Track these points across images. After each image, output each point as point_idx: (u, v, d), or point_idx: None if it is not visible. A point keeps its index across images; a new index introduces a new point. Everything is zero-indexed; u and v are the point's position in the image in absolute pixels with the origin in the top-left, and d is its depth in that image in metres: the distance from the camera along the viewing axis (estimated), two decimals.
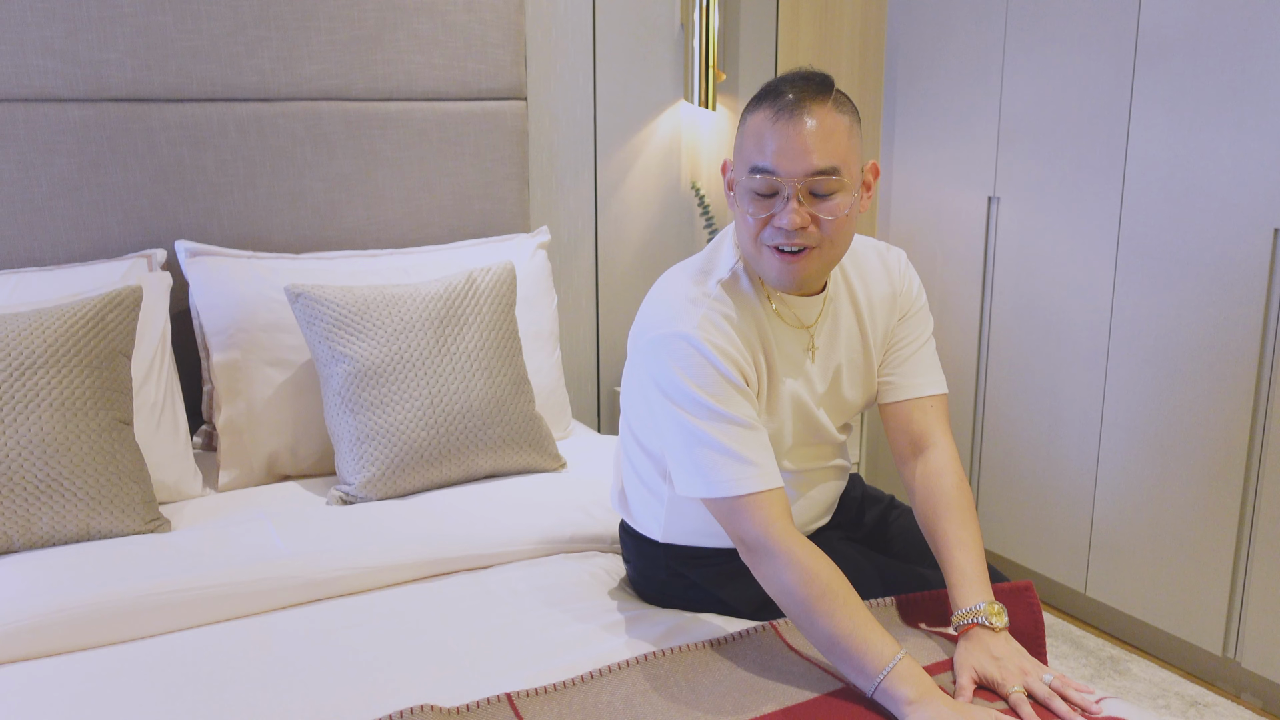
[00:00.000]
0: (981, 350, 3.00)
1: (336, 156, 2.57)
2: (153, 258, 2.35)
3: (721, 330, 1.53)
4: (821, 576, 1.44)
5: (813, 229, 1.49)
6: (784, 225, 1.47)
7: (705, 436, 1.50)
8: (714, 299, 1.57)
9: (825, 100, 1.48)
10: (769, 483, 1.49)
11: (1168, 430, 2.50)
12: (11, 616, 1.62)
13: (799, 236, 1.49)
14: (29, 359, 1.91)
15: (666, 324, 1.55)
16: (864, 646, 1.39)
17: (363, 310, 2.19)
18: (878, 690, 1.37)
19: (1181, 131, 2.40)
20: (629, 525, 1.81)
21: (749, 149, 1.50)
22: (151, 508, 2.00)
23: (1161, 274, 2.48)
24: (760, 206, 1.50)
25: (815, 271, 1.53)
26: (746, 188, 1.51)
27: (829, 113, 1.47)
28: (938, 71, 3.05)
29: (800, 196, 1.47)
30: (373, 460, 2.13)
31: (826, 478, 1.78)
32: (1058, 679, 1.43)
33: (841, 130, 1.48)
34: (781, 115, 1.47)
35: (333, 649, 1.62)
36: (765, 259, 1.53)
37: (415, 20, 2.61)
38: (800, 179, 1.46)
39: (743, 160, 1.52)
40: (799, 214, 1.47)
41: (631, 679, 1.46)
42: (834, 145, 1.47)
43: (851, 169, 1.50)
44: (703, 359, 1.51)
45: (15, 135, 2.27)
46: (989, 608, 1.51)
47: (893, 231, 3.28)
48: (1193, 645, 2.54)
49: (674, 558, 1.75)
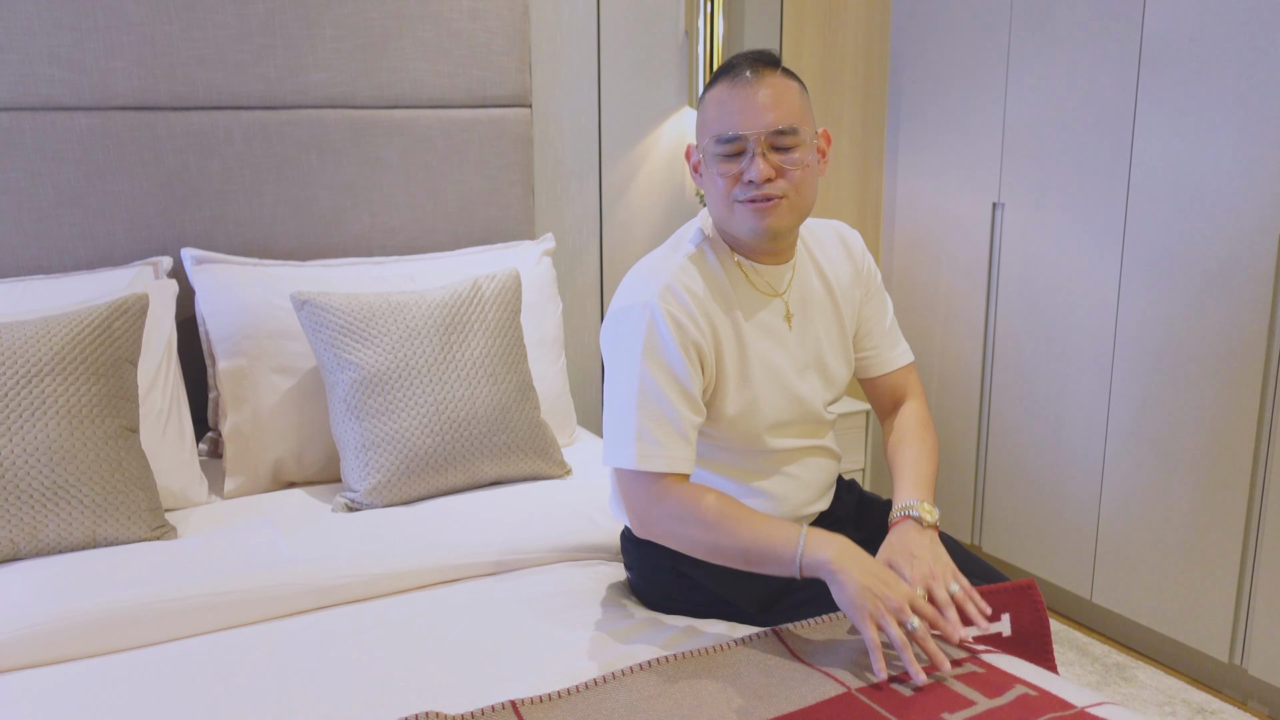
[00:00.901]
0: (986, 355, 3.00)
1: (342, 164, 2.58)
2: (159, 265, 2.36)
3: (679, 300, 1.62)
4: (705, 503, 1.55)
5: (780, 180, 1.61)
6: (753, 177, 1.59)
7: (630, 408, 1.59)
8: (678, 269, 1.66)
9: (775, 69, 1.62)
10: (673, 466, 1.58)
11: (1173, 436, 2.50)
12: (18, 623, 1.62)
13: (768, 187, 1.60)
14: (36, 366, 1.91)
15: (629, 295, 1.66)
16: (771, 541, 1.51)
17: (368, 317, 2.20)
18: (802, 566, 1.49)
19: (1186, 137, 2.40)
20: (629, 531, 1.82)
21: (711, 120, 1.63)
22: (157, 515, 2.01)
23: (1166, 279, 2.47)
24: (729, 166, 1.62)
25: (787, 221, 1.64)
26: (713, 154, 1.62)
27: (780, 79, 1.62)
28: (942, 77, 3.06)
29: (764, 151, 1.59)
30: (378, 467, 2.13)
31: (815, 454, 1.81)
32: (964, 590, 1.54)
33: (794, 93, 1.62)
34: (738, 84, 1.61)
35: (338, 656, 1.62)
36: (738, 214, 1.63)
37: (420, 28, 2.61)
38: (764, 133, 1.59)
39: (707, 132, 1.64)
40: (765, 166, 1.59)
41: (636, 685, 1.46)
42: (789, 105, 1.60)
43: (806, 128, 1.63)
44: (654, 328, 1.60)
45: (22, 143, 2.28)
46: (922, 505, 1.66)
47: (897, 237, 3.29)
48: (1199, 652, 2.53)
49: (675, 559, 1.76)
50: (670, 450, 1.58)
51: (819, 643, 1.56)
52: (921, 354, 3.22)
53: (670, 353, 1.60)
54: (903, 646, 1.42)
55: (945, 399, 3.16)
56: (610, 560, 2.00)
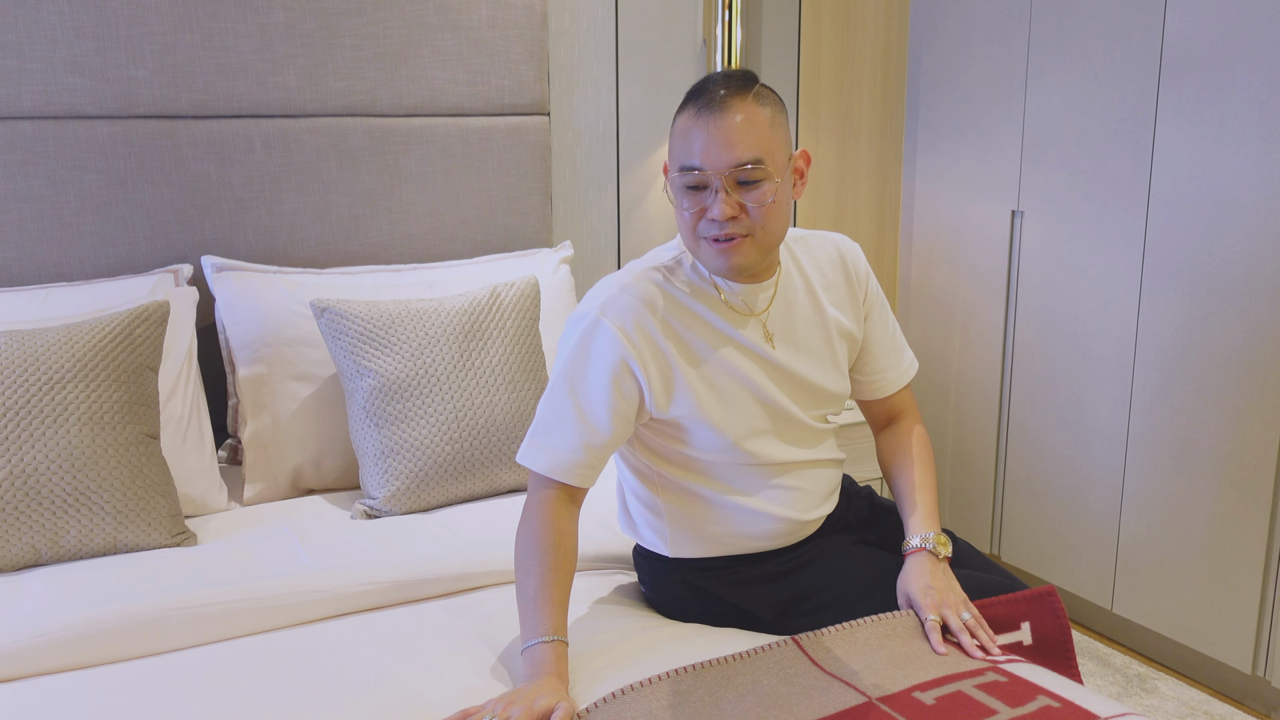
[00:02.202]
0: (1005, 365, 2.99)
1: (361, 172, 2.59)
2: (179, 273, 2.37)
3: (626, 311, 1.61)
4: (544, 542, 1.57)
5: (743, 218, 1.56)
6: (715, 216, 1.55)
7: (545, 411, 1.63)
8: (638, 277, 1.66)
9: (746, 95, 1.56)
10: (563, 476, 1.60)
11: (1195, 445, 2.48)
12: (39, 629, 1.63)
13: (730, 226, 1.56)
14: (58, 373, 1.92)
15: (582, 303, 1.67)
16: (532, 614, 1.53)
17: (387, 325, 2.20)
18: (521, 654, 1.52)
19: (1208, 144, 2.39)
20: (640, 545, 1.82)
21: (678, 149, 1.59)
22: (178, 521, 2.02)
23: (1187, 288, 2.46)
24: (693, 200, 1.58)
25: (752, 257, 1.60)
26: (679, 185, 1.59)
27: (750, 106, 1.55)
28: (960, 84, 3.05)
29: (728, 188, 1.55)
30: (397, 474, 2.14)
31: (813, 466, 1.76)
32: (974, 619, 1.59)
33: (763, 122, 1.56)
34: (703, 113, 1.55)
35: (359, 664, 1.62)
36: (703, 250, 1.61)
37: (440, 37, 2.62)
38: (726, 170, 1.54)
39: (674, 160, 1.60)
40: (728, 204, 1.55)
41: (654, 695, 1.45)
42: (756, 137, 1.55)
43: (776, 158, 1.57)
44: (585, 346, 1.61)
45: (45, 152, 2.29)
46: (937, 537, 1.69)
47: (915, 245, 3.28)
48: (1221, 663, 2.51)
49: (686, 571, 1.76)
50: (556, 458, 1.60)
51: (839, 651, 1.55)
52: (939, 362, 3.21)
53: (592, 376, 1.60)
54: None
55: (963, 407, 3.15)
56: (627, 570, 1.99)
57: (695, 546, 1.74)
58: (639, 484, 1.75)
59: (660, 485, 1.72)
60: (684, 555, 1.75)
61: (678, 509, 1.72)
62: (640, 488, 1.75)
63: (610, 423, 1.60)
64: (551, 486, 1.61)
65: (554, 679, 1.46)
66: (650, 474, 1.73)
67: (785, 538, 1.75)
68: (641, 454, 1.72)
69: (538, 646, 1.50)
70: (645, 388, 1.62)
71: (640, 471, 1.74)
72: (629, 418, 1.63)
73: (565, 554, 1.58)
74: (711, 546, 1.74)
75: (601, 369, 1.60)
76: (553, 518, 1.59)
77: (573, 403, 1.61)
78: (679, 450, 1.69)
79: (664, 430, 1.68)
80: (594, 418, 1.60)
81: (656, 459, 1.71)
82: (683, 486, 1.71)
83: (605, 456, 1.62)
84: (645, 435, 1.70)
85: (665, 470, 1.71)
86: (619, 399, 1.60)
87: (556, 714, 1.39)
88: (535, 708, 1.40)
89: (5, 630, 1.62)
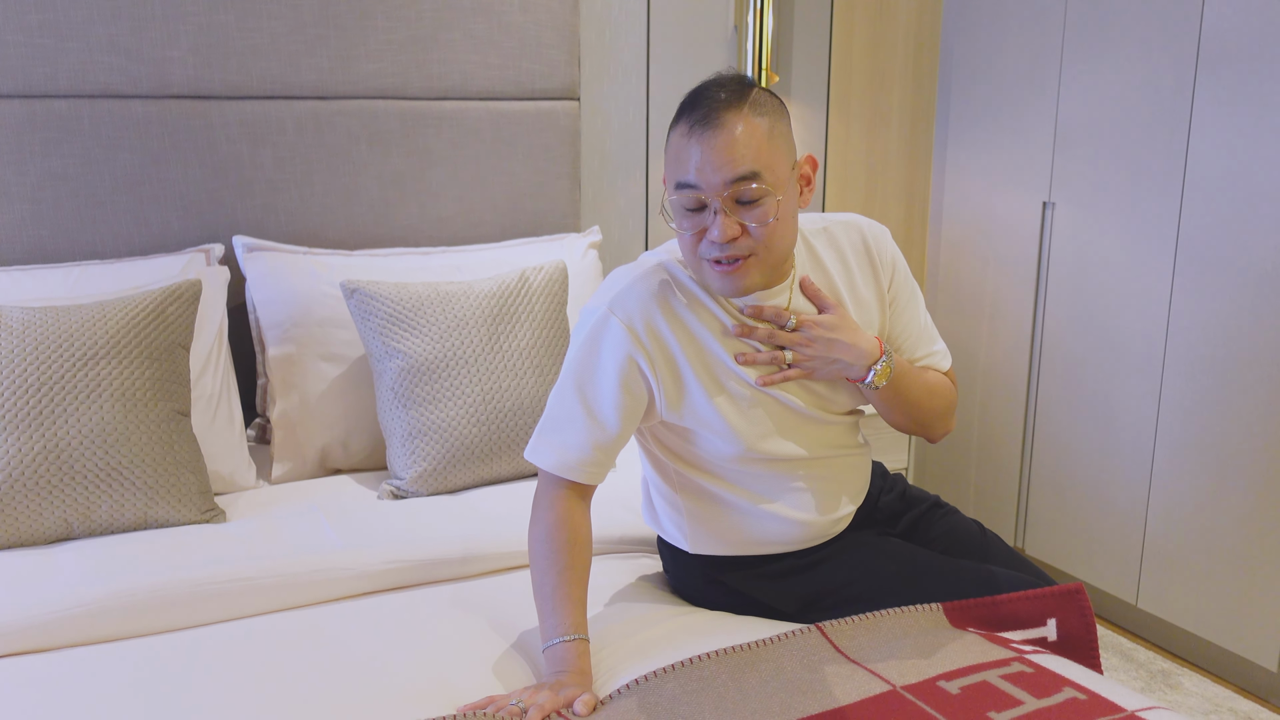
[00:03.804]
0: (1034, 356, 2.97)
1: (391, 155, 2.60)
2: (210, 252, 2.39)
3: (635, 310, 1.57)
4: (558, 540, 1.55)
5: (745, 238, 1.49)
6: (715, 238, 1.48)
7: (554, 406, 1.60)
8: (651, 271, 1.61)
9: (741, 106, 1.48)
10: (572, 474, 1.57)
11: (1224, 440, 2.46)
12: (71, 602, 1.65)
13: (732, 248, 1.49)
14: (92, 350, 1.94)
15: (594, 297, 1.63)
16: (551, 613, 1.51)
17: (417, 307, 2.21)
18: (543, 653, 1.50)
19: (1244, 137, 2.36)
20: (662, 536, 1.82)
21: (672, 166, 1.51)
22: (207, 498, 2.03)
23: (1220, 282, 2.44)
24: (692, 221, 1.50)
25: (756, 277, 1.54)
26: (677, 204, 1.51)
27: (746, 118, 1.47)
28: (993, 73, 3.03)
29: (726, 208, 1.47)
30: (424, 455, 2.15)
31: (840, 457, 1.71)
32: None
33: (759, 134, 1.47)
34: (695, 129, 1.47)
35: (385, 643, 1.64)
36: (706, 273, 1.54)
37: (471, 20, 2.63)
38: (722, 189, 1.46)
39: (670, 177, 1.52)
40: (728, 225, 1.47)
41: (677, 681, 1.45)
42: (752, 150, 1.46)
43: (776, 170, 1.49)
44: (593, 342, 1.58)
45: (80, 130, 2.31)
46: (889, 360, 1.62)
47: (944, 235, 3.26)
48: (1247, 660, 2.49)
49: (707, 566, 1.75)
50: (564, 456, 1.57)
51: (864, 639, 1.55)
52: (966, 354, 3.19)
53: (600, 374, 1.57)
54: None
55: (990, 400, 3.14)
56: (651, 553, 2.00)
57: (716, 545, 1.72)
58: (660, 479, 1.73)
59: (679, 484, 1.70)
60: (705, 552, 1.73)
61: (697, 508, 1.69)
62: (661, 483, 1.73)
63: (619, 422, 1.57)
64: (561, 485, 1.59)
65: (578, 674, 1.47)
66: (669, 472, 1.70)
67: (810, 540, 1.71)
68: (659, 451, 1.69)
69: (559, 645, 1.49)
70: (655, 387, 1.58)
71: (661, 469, 1.71)
72: (638, 416, 1.60)
73: (580, 550, 1.57)
74: (733, 547, 1.71)
75: (610, 368, 1.57)
76: (565, 515, 1.57)
77: (580, 400, 1.58)
78: (693, 451, 1.65)
79: (676, 431, 1.65)
80: (602, 417, 1.57)
81: (673, 457, 1.68)
82: (701, 487, 1.68)
83: (615, 453, 1.60)
84: (662, 434, 1.67)
85: (683, 470, 1.68)
86: (627, 398, 1.57)
87: (580, 700, 1.40)
88: (561, 695, 1.40)
89: (38, 602, 1.64)
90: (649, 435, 1.70)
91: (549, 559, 1.55)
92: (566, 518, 1.57)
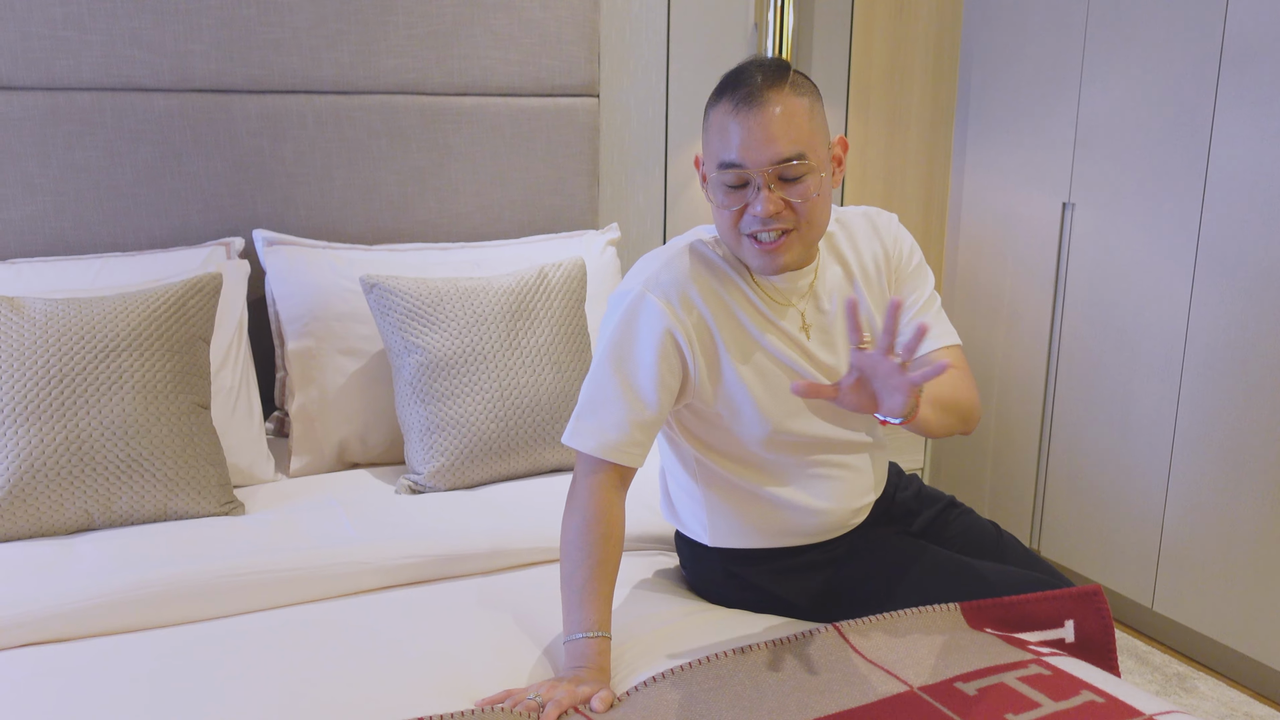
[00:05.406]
0: (1051, 358, 2.96)
1: (411, 150, 2.60)
2: (231, 246, 2.40)
3: (671, 286, 1.58)
4: (595, 533, 1.54)
5: (787, 213, 1.53)
6: (759, 213, 1.51)
7: (590, 391, 1.60)
8: (681, 252, 1.62)
9: (782, 86, 1.50)
10: (613, 455, 1.57)
11: (1242, 443, 2.45)
12: (90, 592, 1.66)
13: (775, 222, 1.52)
14: (113, 342, 1.95)
15: (625, 281, 1.63)
16: (577, 607, 1.51)
17: (436, 302, 2.22)
18: (564, 645, 1.51)
19: (1267, 139, 2.35)
20: (680, 531, 1.82)
21: (714, 144, 1.54)
22: (227, 490, 2.04)
23: (1241, 284, 2.42)
24: (734, 199, 1.54)
25: (797, 253, 1.57)
26: (718, 182, 1.54)
27: (787, 98, 1.50)
28: (1014, 73, 3.02)
29: (770, 185, 1.51)
30: (442, 450, 2.15)
31: (860, 449, 1.72)
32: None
33: (802, 113, 1.51)
34: (741, 107, 1.50)
35: (402, 637, 1.64)
36: (746, 248, 1.57)
37: (492, 16, 2.63)
38: (767, 167, 1.50)
39: (710, 156, 1.55)
40: (772, 201, 1.51)
41: (694, 680, 1.46)
42: (796, 130, 1.50)
43: (817, 150, 1.52)
44: (630, 322, 1.58)
45: (103, 123, 2.32)
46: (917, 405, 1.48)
47: (963, 235, 3.25)
48: (1264, 665, 2.48)
49: (727, 560, 1.75)
50: (604, 438, 1.57)
51: (881, 639, 1.55)
52: (983, 354, 3.19)
53: (639, 351, 1.57)
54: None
55: (1007, 401, 3.13)
56: (668, 550, 2.00)
57: (737, 538, 1.73)
58: (681, 472, 1.74)
59: (700, 475, 1.71)
60: (725, 545, 1.74)
61: (720, 500, 1.71)
62: (683, 475, 1.74)
63: (658, 398, 1.57)
64: (601, 469, 1.58)
65: (597, 670, 1.47)
66: (691, 464, 1.71)
67: (830, 531, 1.73)
68: (684, 440, 1.70)
69: (582, 640, 1.50)
70: (691, 362, 1.59)
71: (682, 460, 1.73)
72: (674, 393, 1.60)
73: (614, 546, 1.57)
74: (754, 539, 1.72)
75: (648, 344, 1.58)
76: (605, 506, 1.57)
77: (619, 380, 1.58)
78: (721, 433, 1.66)
79: (705, 417, 1.66)
80: (642, 393, 1.57)
81: (699, 445, 1.69)
82: (723, 477, 1.69)
83: (653, 434, 1.60)
84: (687, 419, 1.68)
85: (707, 459, 1.69)
86: (665, 373, 1.58)
87: (598, 697, 1.40)
88: (579, 691, 1.41)
89: (59, 592, 1.66)
90: (675, 424, 1.70)
91: (583, 550, 1.55)
92: (605, 510, 1.57)
